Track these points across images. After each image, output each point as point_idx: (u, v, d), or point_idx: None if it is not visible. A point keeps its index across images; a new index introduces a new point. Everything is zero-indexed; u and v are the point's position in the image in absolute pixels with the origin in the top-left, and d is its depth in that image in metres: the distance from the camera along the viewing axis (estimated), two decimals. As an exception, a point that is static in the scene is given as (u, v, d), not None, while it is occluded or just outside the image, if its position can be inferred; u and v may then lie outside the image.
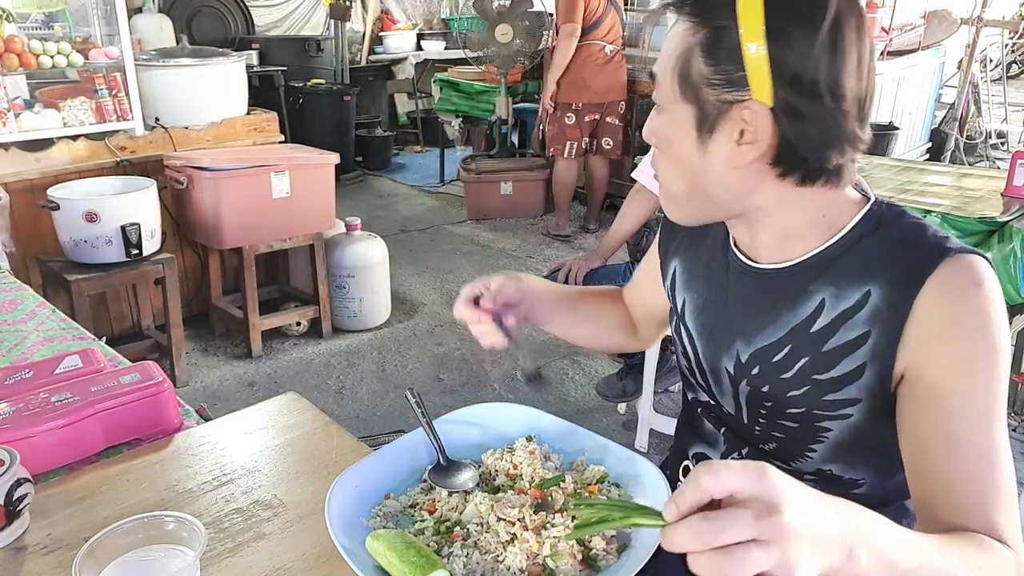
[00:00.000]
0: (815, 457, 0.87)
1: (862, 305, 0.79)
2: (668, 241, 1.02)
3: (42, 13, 3.27)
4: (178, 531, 0.77)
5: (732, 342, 0.89)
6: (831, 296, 0.81)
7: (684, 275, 0.98)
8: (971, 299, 0.73)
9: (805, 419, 0.85)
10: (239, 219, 2.92)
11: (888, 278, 0.77)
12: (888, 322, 0.77)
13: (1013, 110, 7.07)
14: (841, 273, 0.81)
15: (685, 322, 0.96)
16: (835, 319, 0.80)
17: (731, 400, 0.92)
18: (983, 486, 0.70)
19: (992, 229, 2.06)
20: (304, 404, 1.14)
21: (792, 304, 0.83)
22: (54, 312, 1.47)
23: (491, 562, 0.73)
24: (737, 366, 0.89)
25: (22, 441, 0.93)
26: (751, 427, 0.91)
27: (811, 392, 0.83)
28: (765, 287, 0.86)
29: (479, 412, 0.94)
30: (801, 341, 0.83)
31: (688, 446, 1.02)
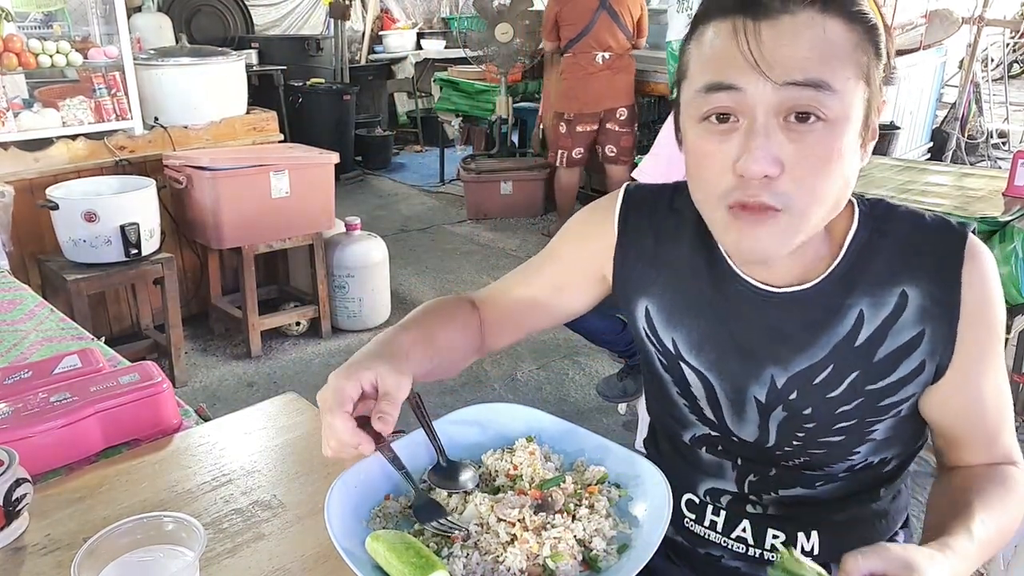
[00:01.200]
0: (856, 458, 0.87)
1: (903, 307, 0.79)
2: (623, 281, 0.93)
3: (41, 12, 3.27)
4: (177, 532, 0.77)
5: (761, 370, 0.84)
6: (868, 306, 0.80)
7: (663, 314, 0.90)
8: (994, 275, 0.79)
9: (855, 428, 0.84)
10: (238, 219, 2.92)
11: (921, 275, 0.78)
12: (941, 318, 0.78)
13: (1014, 110, 7.07)
14: (870, 280, 0.79)
15: (686, 361, 0.89)
16: (879, 327, 0.80)
17: (754, 428, 0.88)
18: (999, 425, 0.84)
19: (993, 229, 2.06)
20: (304, 404, 1.14)
21: (829, 323, 0.81)
22: (53, 312, 1.47)
23: (491, 563, 0.72)
24: (771, 393, 0.85)
25: (21, 441, 0.93)
26: (774, 451, 0.88)
27: (864, 403, 0.82)
28: (793, 311, 0.82)
29: (479, 412, 0.93)
30: (846, 357, 0.81)
31: (697, 483, 0.96)
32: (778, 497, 0.91)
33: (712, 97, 0.70)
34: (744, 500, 0.92)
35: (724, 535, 0.94)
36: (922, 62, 5.42)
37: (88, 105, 2.95)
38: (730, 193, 0.72)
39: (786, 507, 0.91)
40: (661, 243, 0.90)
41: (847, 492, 0.90)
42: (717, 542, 0.95)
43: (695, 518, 0.96)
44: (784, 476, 0.89)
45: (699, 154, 0.74)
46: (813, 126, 0.68)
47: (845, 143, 0.70)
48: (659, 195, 0.92)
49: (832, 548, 0.91)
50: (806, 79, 0.66)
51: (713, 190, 0.73)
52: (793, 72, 0.66)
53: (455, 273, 4.07)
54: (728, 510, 0.94)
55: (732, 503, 0.93)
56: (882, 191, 2.38)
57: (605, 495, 0.80)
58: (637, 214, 0.92)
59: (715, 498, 0.94)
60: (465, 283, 3.93)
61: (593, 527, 0.75)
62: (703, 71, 0.72)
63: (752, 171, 0.68)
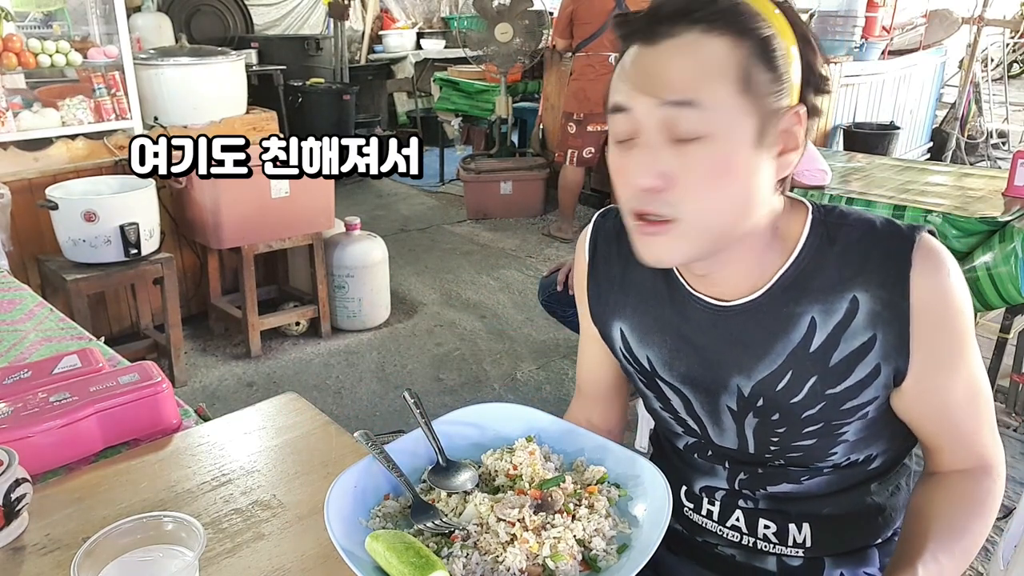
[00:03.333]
0: (835, 457, 0.88)
1: (854, 313, 0.79)
2: (598, 307, 0.97)
3: (41, 12, 3.27)
4: (177, 531, 0.77)
5: (727, 380, 0.87)
6: (820, 313, 0.81)
7: (636, 334, 0.93)
8: (950, 275, 0.78)
9: (824, 431, 0.86)
10: (238, 219, 2.92)
11: (870, 280, 0.78)
12: (891, 322, 0.78)
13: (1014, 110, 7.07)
14: (820, 287, 0.80)
15: (661, 377, 0.93)
16: (832, 333, 0.81)
17: (733, 436, 0.91)
18: (973, 428, 0.84)
19: (993, 229, 2.06)
20: (303, 404, 1.14)
21: (783, 330, 0.82)
22: (52, 312, 1.47)
23: (491, 562, 0.72)
24: (740, 401, 0.87)
25: (20, 441, 0.93)
26: (759, 455, 0.91)
27: (827, 406, 0.83)
28: (747, 322, 0.84)
29: (478, 412, 0.93)
30: (803, 362, 0.82)
31: (692, 481, 0.99)
32: (767, 493, 0.93)
33: (614, 119, 0.76)
34: (736, 495, 0.95)
35: (719, 524, 0.97)
36: (922, 62, 5.42)
37: (88, 105, 2.95)
38: (630, 202, 0.76)
39: (777, 501, 0.93)
40: (628, 268, 0.93)
41: (835, 487, 0.91)
42: (713, 531, 0.98)
43: (693, 507, 1.00)
44: (771, 474, 0.92)
45: (613, 169, 0.79)
46: (693, 143, 0.71)
47: (733, 156, 0.72)
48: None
49: (825, 540, 0.93)
50: (675, 99, 0.71)
51: (622, 200, 0.78)
52: (667, 92, 0.71)
53: (455, 273, 4.07)
54: (722, 503, 0.96)
55: (725, 498, 0.96)
56: (882, 191, 2.38)
57: (605, 495, 0.80)
58: (605, 241, 0.96)
59: (710, 494, 0.97)
60: (465, 283, 3.93)
61: (593, 527, 0.75)
62: (611, 94, 0.77)
63: (638, 183, 0.74)
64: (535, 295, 3.15)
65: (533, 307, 3.52)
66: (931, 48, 5.54)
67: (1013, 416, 2.63)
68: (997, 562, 1.50)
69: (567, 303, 2.50)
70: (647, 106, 0.72)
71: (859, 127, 4.84)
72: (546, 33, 4.82)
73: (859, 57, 4.94)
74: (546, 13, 4.85)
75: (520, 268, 4.13)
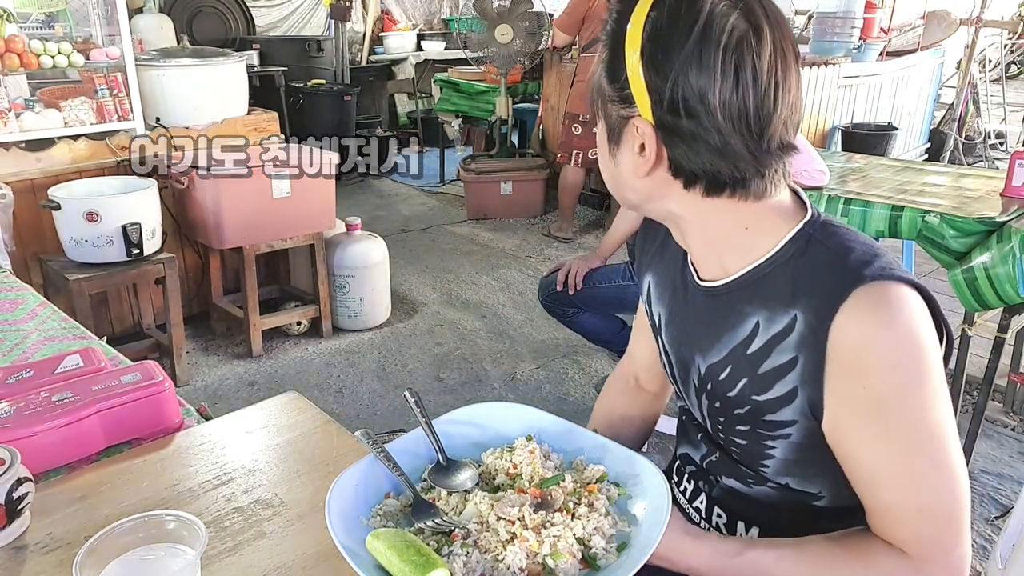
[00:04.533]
0: (768, 472, 0.88)
1: (790, 330, 0.78)
2: (641, 256, 1.05)
3: (43, 13, 3.27)
4: (179, 530, 0.77)
5: (693, 356, 0.91)
6: (764, 319, 0.81)
7: (656, 289, 1.00)
8: (881, 327, 0.71)
9: (751, 437, 0.87)
10: (239, 219, 2.92)
11: (809, 304, 0.76)
12: (812, 349, 0.76)
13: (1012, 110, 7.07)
14: (771, 295, 0.80)
15: (662, 335, 0.99)
16: (768, 342, 0.81)
17: (698, 410, 0.95)
18: (903, 514, 0.75)
19: (991, 229, 2.06)
20: (304, 403, 1.14)
21: (732, 324, 0.85)
22: (55, 311, 1.47)
23: (491, 561, 0.73)
24: (698, 378, 0.91)
25: (23, 440, 0.93)
26: (716, 435, 0.94)
27: (752, 412, 0.84)
28: (708, 305, 0.88)
29: (479, 412, 0.94)
30: (740, 362, 0.84)
31: (680, 446, 1.06)
32: (723, 485, 0.95)
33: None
34: (702, 477, 0.99)
35: (689, 503, 1.01)
36: (920, 63, 5.43)
37: (90, 106, 2.95)
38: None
39: (730, 496, 0.95)
40: (669, 233, 0.93)
41: (784, 507, 0.89)
42: (685, 508, 1.02)
43: (676, 481, 1.04)
44: (725, 464, 0.94)
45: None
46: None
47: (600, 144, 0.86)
48: None
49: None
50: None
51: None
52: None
53: (455, 273, 4.07)
54: (694, 483, 1.01)
55: (695, 475, 1.00)
56: (880, 191, 2.39)
57: (604, 494, 0.80)
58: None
59: (684, 464, 1.03)
60: (465, 283, 3.94)
61: (592, 525, 0.76)
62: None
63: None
64: (535, 295, 3.16)
65: (533, 307, 3.53)
66: (929, 49, 5.54)
67: (1011, 416, 2.63)
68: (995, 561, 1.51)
69: (567, 303, 2.51)
70: None
71: (857, 128, 4.84)
72: (546, 34, 4.82)
73: (857, 58, 4.94)
74: (545, 15, 4.85)
75: (520, 268, 4.14)
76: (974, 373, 2.58)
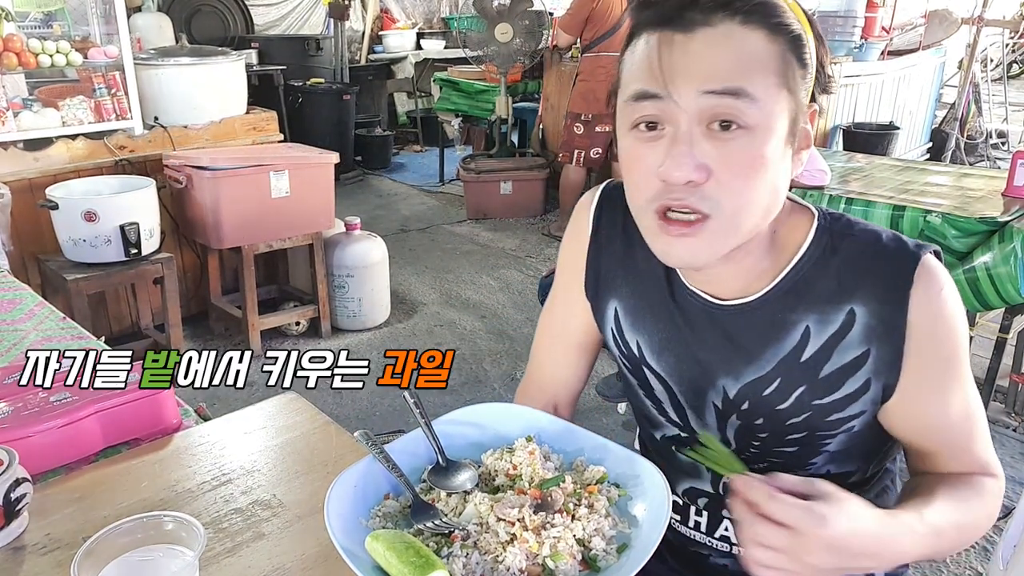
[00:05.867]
0: (814, 467, 0.88)
1: (850, 325, 0.79)
2: (595, 279, 0.94)
3: (41, 12, 3.26)
4: (177, 531, 0.77)
5: (714, 379, 0.86)
6: (815, 323, 0.80)
7: (629, 317, 0.91)
8: (948, 298, 0.78)
9: (806, 441, 0.85)
10: (238, 218, 2.92)
11: (870, 295, 0.78)
12: (886, 337, 0.78)
13: (1014, 110, 7.08)
14: (817, 297, 0.80)
15: (648, 364, 0.91)
16: (825, 344, 0.80)
17: (715, 432, 0.89)
18: (970, 440, 0.83)
19: (992, 229, 2.06)
20: (303, 404, 1.14)
21: (775, 337, 0.82)
22: (53, 311, 1.47)
23: (491, 562, 0.72)
24: (725, 402, 0.86)
25: (21, 441, 0.93)
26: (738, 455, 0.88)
27: (812, 416, 0.83)
28: (740, 324, 0.83)
29: (478, 412, 0.93)
30: (792, 371, 0.82)
31: (677, 483, 0.96)
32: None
33: (639, 106, 0.72)
34: (720, 502, 0.93)
35: (708, 535, 0.96)
36: (921, 62, 5.42)
37: (88, 105, 2.95)
38: (657, 198, 0.73)
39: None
40: (631, 245, 0.90)
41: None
42: (703, 542, 0.96)
43: (680, 519, 0.98)
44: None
45: (629, 161, 0.75)
46: (735, 133, 0.69)
47: (769, 150, 0.71)
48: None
49: None
50: (724, 88, 0.68)
51: (642, 195, 0.74)
52: (711, 81, 0.68)
53: (455, 273, 4.07)
54: (708, 511, 0.95)
55: (710, 504, 0.95)
56: (882, 191, 2.38)
57: (604, 495, 0.80)
58: (611, 213, 0.93)
59: (693, 499, 0.96)
60: (464, 283, 3.93)
61: (592, 527, 0.75)
62: (632, 81, 0.73)
63: (675, 177, 0.70)
64: (535, 295, 3.15)
65: (533, 307, 3.53)
66: (930, 48, 5.54)
67: (1013, 416, 2.63)
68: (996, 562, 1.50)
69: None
70: (687, 94, 0.69)
71: (859, 127, 4.84)
72: (546, 33, 4.82)
73: (859, 57, 4.94)
74: (546, 13, 4.85)
75: (520, 268, 4.13)
76: (976, 373, 2.55)
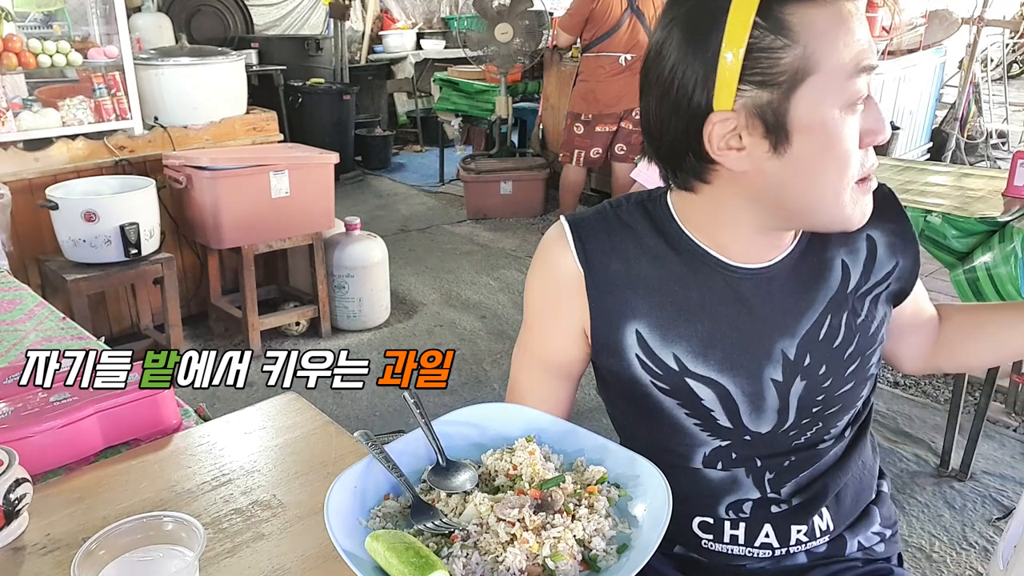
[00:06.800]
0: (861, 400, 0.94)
1: (874, 249, 0.90)
2: (602, 317, 0.89)
3: (41, 12, 3.27)
4: (177, 531, 0.77)
5: (771, 348, 0.86)
6: (847, 254, 0.89)
7: (657, 332, 0.87)
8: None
9: (860, 367, 0.90)
10: (238, 219, 2.92)
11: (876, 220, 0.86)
12: (905, 249, 0.92)
13: (1014, 110, 7.08)
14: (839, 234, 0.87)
15: (693, 373, 0.87)
16: (863, 271, 0.89)
17: (771, 416, 0.88)
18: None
19: (993, 229, 2.06)
20: (303, 404, 1.14)
21: (821, 277, 0.88)
22: (53, 312, 1.47)
23: (491, 562, 0.72)
24: (786, 368, 0.86)
25: (21, 441, 0.93)
26: (789, 432, 0.89)
27: (860, 338, 0.89)
28: (787, 278, 0.87)
29: (478, 412, 0.93)
30: (839, 304, 0.88)
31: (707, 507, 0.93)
32: (796, 484, 0.92)
33: (863, 80, 0.74)
34: (767, 503, 0.92)
35: (747, 545, 0.93)
36: (922, 62, 5.42)
37: (88, 105, 2.95)
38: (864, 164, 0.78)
39: (803, 492, 0.92)
40: (628, 261, 0.88)
41: (849, 450, 0.95)
42: (740, 554, 0.94)
43: (713, 537, 0.94)
44: (799, 459, 0.91)
45: (846, 140, 0.75)
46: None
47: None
48: (603, 216, 0.91)
49: (842, 516, 0.96)
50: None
51: (850, 171, 0.77)
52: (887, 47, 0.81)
53: (455, 273, 4.07)
54: (750, 519, 0.92)
55: (755, 508, 0.92)
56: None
57: (605, 495, 0.80)
58: (594, 241, 0.89)
59: (737, 511, 0.93)
60: (465, 283, 3.93)
61: (593, 527, 0.75)
62: (847, 57, 0.72)
63: (882, 138, 0.77)
64: (535, 295, 3.15)
65: (533, 307, 3.52)
66: (931, 48, 5.54)
67: (1013, 416, 2.63)
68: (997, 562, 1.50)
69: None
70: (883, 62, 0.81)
71: (859, 127, 4.83)
72: (546, 33, 4.82)
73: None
74: (546, 13, 4.85)
75: (520, 268, 4.13)
76: (975, 374, 2.57)
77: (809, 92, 0.72)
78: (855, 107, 0.74)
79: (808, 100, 0.73)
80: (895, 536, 1.03)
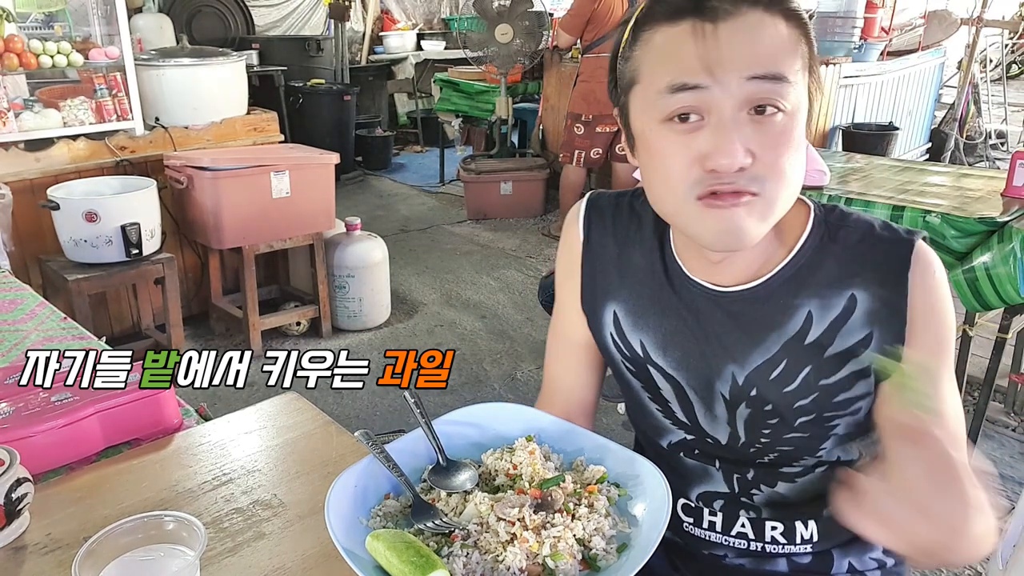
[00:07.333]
0: (823, 453, 0.88)
1: (851, 309, 0.81)
2: (591, 288, 0.95)
3: (42, 13, 3.27)
4: (178, 531, 0.77)
5: (722, 367, 0.87)
6: (817, 307, 0.82)
7: (630, 317, 0.92)
8: (940, 280, 0.82)
9: (815, 422, 0.86)
10: (239, 219, 2.92)
11: (870, 279, 0.81)
12: (888, 320, 0.81)
13: (1013, 110, 7.08)
14: (819, 282, 0.82)
15: (654, 363, 0.91)
16: (828, 328, 0.82)
17: (724, 427, 0.90)
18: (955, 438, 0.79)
19: (992, 229, 2.06)
20: (304, 404, 1.14)
21: (779, 321, 0.83)
22: (54, 312, 1.47)
23: (491, 562, 0.73)
24: (734, 390, 0.87)
25: (22, 441, 0.93)
26: (747, 449, 0.90)
27: (820, 397, 0.84)
28: (745, 309, 0.85)
29: (478, 412, 0.93)
30: (797, 353, 0.83)
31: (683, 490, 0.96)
32: (767, 496, 0.92)
33: (676, 98, 0.72)
34: (737, 501, 0.94)
35: (724, 534, 0.95)
36: (921, 63, 5.42)
37: (89, 105, 2.95)
38: (698, 185, 0.73)
39: (777, 503, 0.92)
40: (623, 246, 0.93)
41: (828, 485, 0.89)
42: (718, 542, 0.96)
43: (693, 521, 0.97)
44: (763, 475, 0.91)
45: (663, 154, 0.75)
46: (774, 116, 0.72)
47: (799, 131, 0.74)
48: (620, 200, 0.96)
49: (831, 533, 0.94)
50: (767, 73, 0.70)
51: (680, 186, 0.74)
52: (756, 67, 0.70)
53: (455, 273, 4.07)
54: (724, 512, 0.95)
55: (726, 505, 0.94)
56: (881, 191, 2.38)
57: (604, 494, 0.80)
58: (599, 220, 0.95)
59: (708, 502, 0.95)
60: (465, 283, 3.94)
61: (593, 526, 0.76)
62: (662, 74, 0.73)
63: (725, 165, 0.71)
64: (535, 295, 3.16)
65: (533, 307, 3.53)
66: (930, 49, 5.54)
67: (1012, 416, 2.63)
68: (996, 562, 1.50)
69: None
70: (733, 81, 0.70)
71: (858, 128, 4.84)
72: (546, 34, 4.82)
73: (858, 58, 4.94)
74: (546, 14, 4.85)
75: (520, 268, 4.14)
76: (975, 374, 2.58)
77: (634, 101, 0.78)
78: (674, 123, 0.73)
79: (634, 108, 0.78)
80: (898, 569, 0.99)
